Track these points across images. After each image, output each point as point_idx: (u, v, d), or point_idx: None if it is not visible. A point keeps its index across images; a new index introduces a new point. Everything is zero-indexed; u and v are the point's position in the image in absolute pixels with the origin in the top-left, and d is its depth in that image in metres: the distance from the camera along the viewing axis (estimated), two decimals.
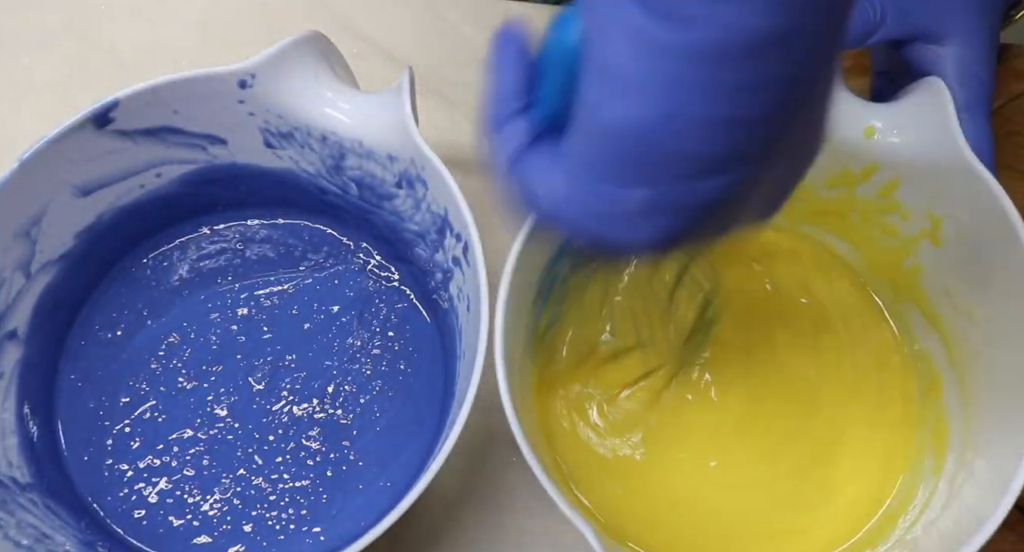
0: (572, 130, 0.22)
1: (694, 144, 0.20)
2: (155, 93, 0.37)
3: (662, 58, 0.19)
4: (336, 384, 0.41)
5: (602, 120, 0.21)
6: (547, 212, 0.23)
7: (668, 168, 0.21)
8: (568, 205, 0.23)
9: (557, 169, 0.23)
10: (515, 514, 0.41)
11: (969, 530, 0.31)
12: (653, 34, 0.19)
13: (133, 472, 0.39)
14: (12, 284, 0.38)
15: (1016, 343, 0.35)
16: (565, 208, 0.23)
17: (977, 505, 0.33)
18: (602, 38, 0.21)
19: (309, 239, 0.44)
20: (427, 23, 0.49)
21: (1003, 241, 0.34)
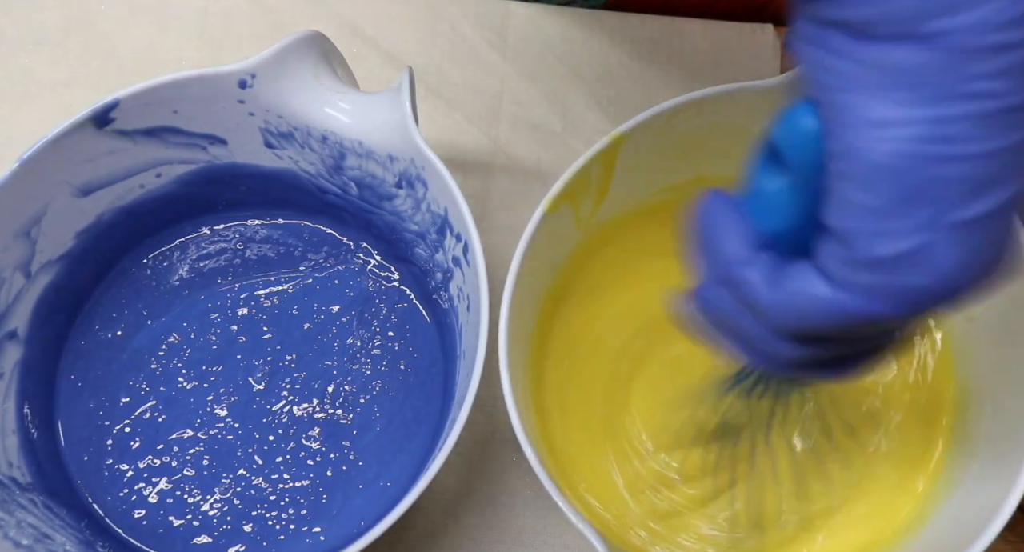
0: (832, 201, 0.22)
1: (959, 168, 0.20)
2: (155, 93, 0.37)
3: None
4: (336, 384, 0.41)
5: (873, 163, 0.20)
6: (824, 311, 0.22)
7: (944, 195, 0.20)
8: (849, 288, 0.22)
9: (825, 261, 0.22)
10: (515, 514, 0.41)
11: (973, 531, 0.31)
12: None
13: (133, 472, 0.39)
14: (12, 284, 0.38)
15: (1018, 342, 0.35)
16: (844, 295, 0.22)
17: (980, 506, 0.33)
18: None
19: (309, 239, 0.44)
20: (427, 23, 0.49)
21: None
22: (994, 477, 0.33)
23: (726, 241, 0.25)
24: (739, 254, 0.24)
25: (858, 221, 0.21)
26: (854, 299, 0.21)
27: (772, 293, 0.23)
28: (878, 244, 0.21)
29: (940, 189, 0.20)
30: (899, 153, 0.20)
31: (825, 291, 0.22)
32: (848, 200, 0.21)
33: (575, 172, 0.35)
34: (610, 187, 0.38)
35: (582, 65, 0.49)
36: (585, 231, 0.40)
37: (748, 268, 0.24)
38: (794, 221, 0.24)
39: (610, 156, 0.36)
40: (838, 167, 0.21)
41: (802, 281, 0.23)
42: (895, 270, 0.21)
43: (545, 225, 0.35)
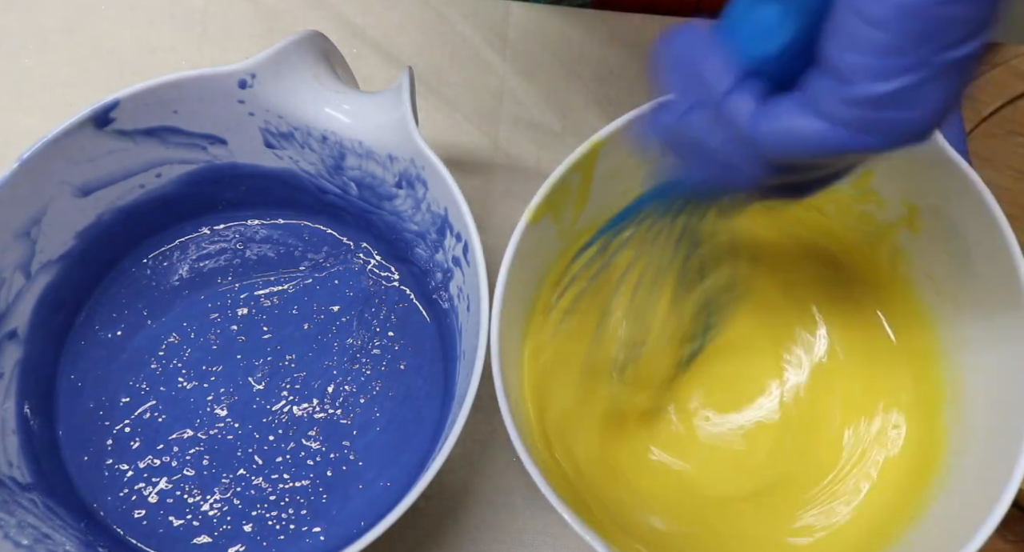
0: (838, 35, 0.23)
1: (966, 8, 0.21)
2: (155, 93, 0.37)
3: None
4: (336, 384, 0.41)
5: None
6: (814, 143, 0.24)
7: (945, 36, 0.21)
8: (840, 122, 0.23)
9: (817, 95, 0.23)
10: (515, 514, 0.41)
11: (969, 524, 0.31)
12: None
13: (133, 472, 0.39)
14: (12, 284, 0.38)
15: (1001, 325, 0.35)
16: (835, 129, 0.23)
17: (975, 498, 0.33)
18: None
19: (309, 239, 0.44)
20: (427, 23, 0.49)
21: (980, 224, 0.34)
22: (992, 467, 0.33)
23: (708, 67, 0.26)
24: (723, 83, 0.25)
25: (862, 56, 0.22)
26: (842, 133, 0.23)
27: (760, 124, 0.24)
28: (878, 81, 0.22)
29: (944, 28, 0.21)
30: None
31: (812, 124, 0.23)
32: (855, 35, 0.22)
33: (554, 182, 0.35)
34: (590, 194, 0.39)
35: (582, 65, 0.49)
36: (568, 239, 0.40)
37: (734, 97, 0.25)
38: (783, 49, 0.24)
39: (588, 164, 0.37)
40: (857, 2, 0.22)
41: (792, 115, 0.24)
42: (888, 107, 0.22)
43: (528, 236, 0.35)
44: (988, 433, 0.35)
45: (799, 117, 0.24)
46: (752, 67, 0.25)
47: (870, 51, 0.22)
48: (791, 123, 0.24)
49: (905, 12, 0.21)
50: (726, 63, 0.25)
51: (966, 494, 0.34)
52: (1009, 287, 0.34)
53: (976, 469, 0.35)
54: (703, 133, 0.26)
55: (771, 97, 0.25)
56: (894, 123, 0.22)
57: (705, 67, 0.26)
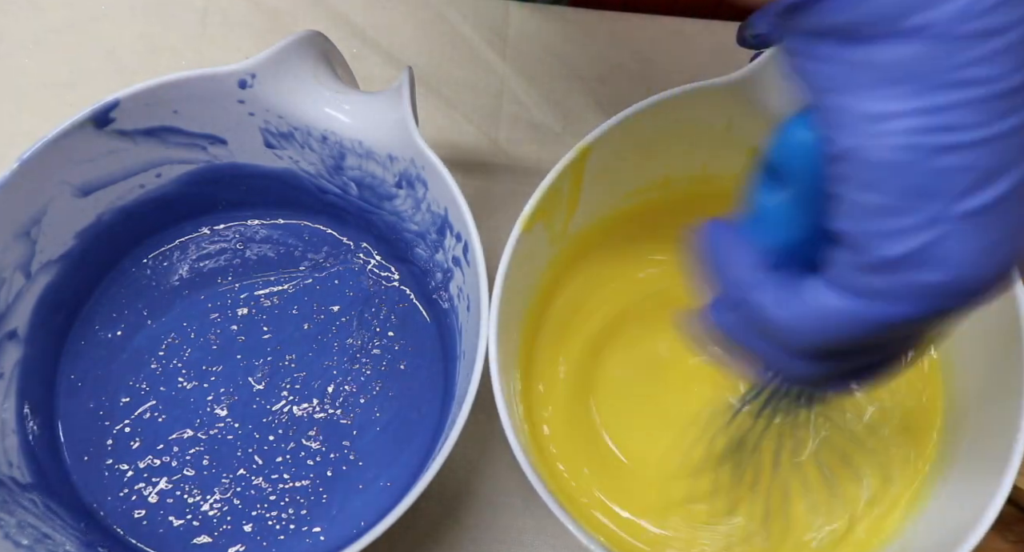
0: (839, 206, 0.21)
1: (963, 158, 0.20)
2: (155, 93, 0.37)
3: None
4: (336, 384, 0.41)
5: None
6: (842, 321, 0.22)
7: (950, 187, 0.20)
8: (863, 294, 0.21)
9: (835, 271, 0.22)
10: (515, 514, 0.41)
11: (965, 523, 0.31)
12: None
13: (133, 472, 0.39)
14: (12, 284, 0.38)
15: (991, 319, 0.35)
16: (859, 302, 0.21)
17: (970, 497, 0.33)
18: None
19: (309, 239, 0.44)
20: (427, 23, 0.49)
21: None
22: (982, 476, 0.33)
23: (731, 266, 0.25)
24: (746, 278, 0.24)
25: (865, 222, 0.21)
26: (870, 305, 0.21)
27: (784, 313, 0.23)
28: (888, 244, 0.20)
29: (943, 180, 0.20)
30: (898, 147, 0.20)
31: (838, 302, 0.22)
32: (852, 202, 0.21)
33: (545, 189, 0.35)
34: (580, 198, 0.39)
35: (582, 65, 0.49)
36: (560, 243, 0.40)
37: (757, 291, 0.24)
38: (798, 234, 0.24)
39: (578, 168, 0.37)
40: (839, 170, 0.21)
41: (814, 295, 0.22)
42: (908, 269, 0.20)
43: (522, 244, 0.35)
44: (981, 431, 0.35)
45: (821, 297, 0.22)
46: (772, 260, 0.24)
47: (871, 215, 0.20)
48: (814, 305, 0.22)
49: (891, 171, 0.20)
50: (746, 260, 0.24)
51: (962, 494, 0.34)
52: None
53: (971, 468, 0.35)
54: (742, 333, 0.25)
55: (792, 283, 0.23)
56: (921, 286, 0.20)
57: (728, 266, 0.25)
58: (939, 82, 0.19)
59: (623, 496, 0.40)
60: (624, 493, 0.40)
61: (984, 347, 0.36)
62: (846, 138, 0.20)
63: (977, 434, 0.35)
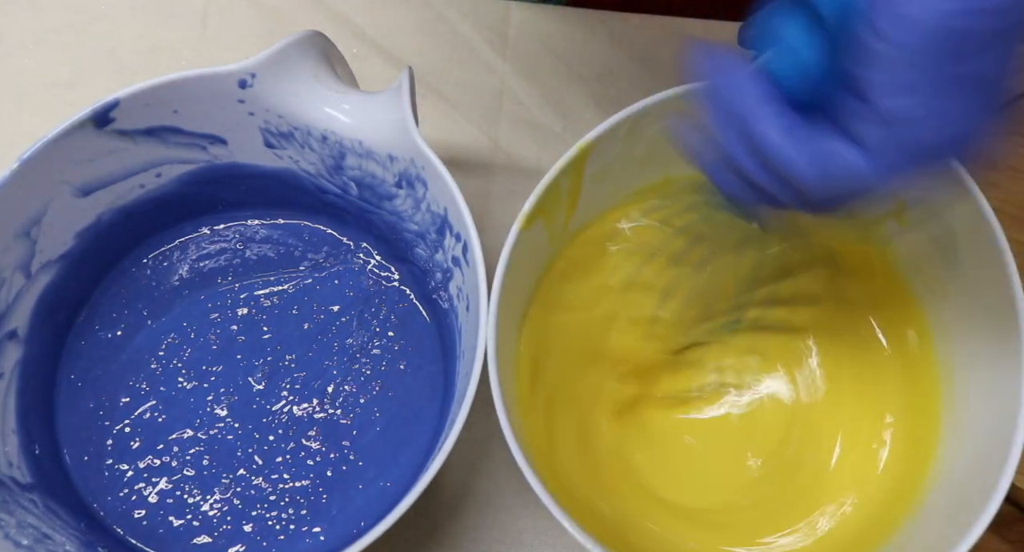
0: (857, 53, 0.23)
1: (978, 21, 0.21)
2: (155, 93, 0.37)
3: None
4: (336, 384, 0.41)
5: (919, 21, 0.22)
6: (845, 170, 0.23)
7: (961, 49, 0.22)
8: (868, 145, 0.23)
9: (844, 117, 0.23)
10: (515, 514, 0.41)
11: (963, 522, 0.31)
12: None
13: (133, 472, 0.39)
14: (12, 284, 0.38)
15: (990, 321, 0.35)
16: (864, 154, 0.23)
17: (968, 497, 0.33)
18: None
19: (309, 239, 0.44)
20: (427, 23, 0.49)
21: (966, 216, 0.34)
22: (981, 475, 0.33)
23: (738, 97, 0.25)
24: (755, 111, 0.25)
25: (882, 72, 0.22)
26: (879, 161, 0.23)
27: (795, 155, 0.24)
28: (899, 95, 0.22)
29: (960, 42, 0.21)
30: (934, 7, 0.21)
31: (852, 155, 0.23)
32: (874, 51, 0.22)
33: (545, 187, 0.35)
34: (580, 197, 0.39)
35: (582, 65, 0.49)
36: (559, 242, 0.40)
37: (767, 127, 0.25)
38: (815, 72, 0.24)
39: (578, 167, 0.37)
40: (873, 18, 0.22)
41: (826, 143, 0.23)
42: (914, 123, 0.22)
43: (521, 242, 0.35)
44: (980, 431, 0.35)
45: (830, 143, 0.23)
46: (781, 89, 0.24)
47: (889, 67, 0.22)
48: (824, 151, 0.23)
49: (917, 27, 0.21)
50: (754, 87, 0.25)
51: (959, 494, 0.34)
52: (997, 280, 0.34)
53: (968, 468, 0.35)
54: (734, 157, 0.26)
55: (801, 124, 0.24)
56: (922, 141, 0.22)
57: (733, 91, 0.25)
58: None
59: (622, 495, 0.40)
60: (623, 491, 0.40)
61: (983, 346, 0.36)
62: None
63: (976, 433, 0.35)
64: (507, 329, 0.36)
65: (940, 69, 0.22)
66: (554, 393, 0.40)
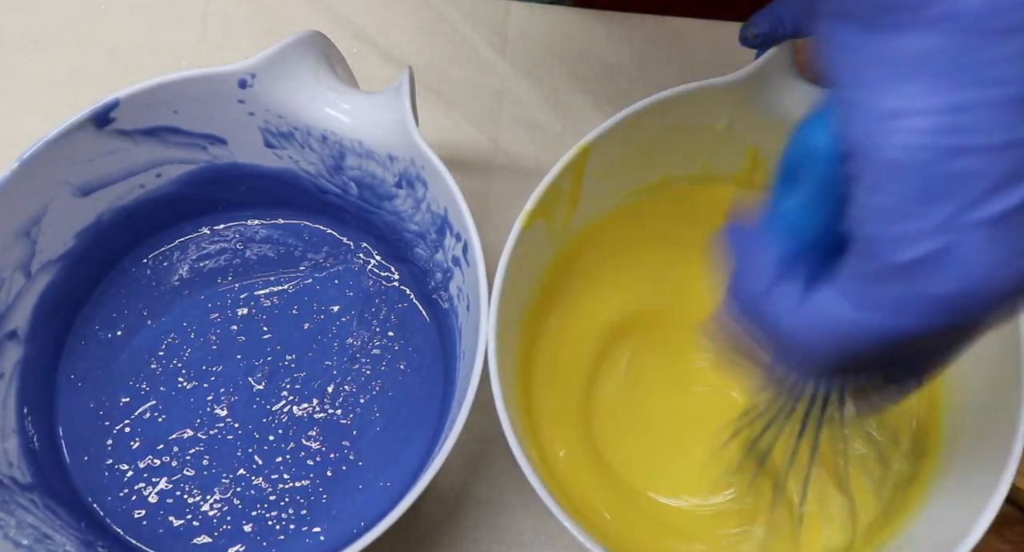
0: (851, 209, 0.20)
1: (976, 162, 0.19)
2: (155, 93, 0.37)
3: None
4: (336, 384, 0.41)
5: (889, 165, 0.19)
6: (846, 332, 0.21)
7: (962, 193, 0.19)
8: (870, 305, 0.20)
9: (844, 279, 0.21)
10: (515, 514, 0.41)
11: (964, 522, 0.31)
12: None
13: (133, 472, 0.39)
14: (12, 284, 0.38)
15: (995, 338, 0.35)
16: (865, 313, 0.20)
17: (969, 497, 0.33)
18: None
19: (309, 239, 0.44)
20: (427, 23, 0.49)
21: None
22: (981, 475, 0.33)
23: (745, 276, 0.24)
24: (757, 287, 0.23)
25: (875, 225, 0.19)
26: (877, 317, 0.20)
27: (793, 323, 0.22)
28: (897, 249, 0.19)
29: (960, 184, 0.18)
30: (914, 146, 0.19)
31: (846, 312, 0.20)
32: (864, 203, 0.20)
33: (546, 187, 0.35)
34: (580, 197, 0.39)
35: (582, 65, 0.49)
36: (560, 242, 0.40)
37: (766, 301, 0.23)
38: (811, 239, 0.23)
39: (578, 167, 0.37)
40: (854, 169, 0.20)
41: (824, 305, 0.21)
42: (917, 278, 0.19)
43: (522, 242, 0.35)
44: (980, 431, 0.35)
45: (830, 306, 0.21)
46: (789, 265, 0.23)
47: (882, 218, 0.19)
48: (823, 315, 0.21)
49: (905, 172, 0.19)
50: (759, 269, 0.23)
51: (959, 494, 0.34)
52: None
53: (969, 468, 0.35)
54: (752, 334, 0.24)
55: (806, 294, 0.22)
56: (932, 297, 0.19)
57: (743, 275, 0.24)
58: (962, 79, 0.18)
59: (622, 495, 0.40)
60: (623, 492, 0.40)
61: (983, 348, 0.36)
62: (861, 135, 0.20)
63: (976, 434, 0.35)
64: (507, 329, 0.36)
65: (945, 216, 0.19)
66: (554, 393, 0.40)
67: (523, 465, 0.32)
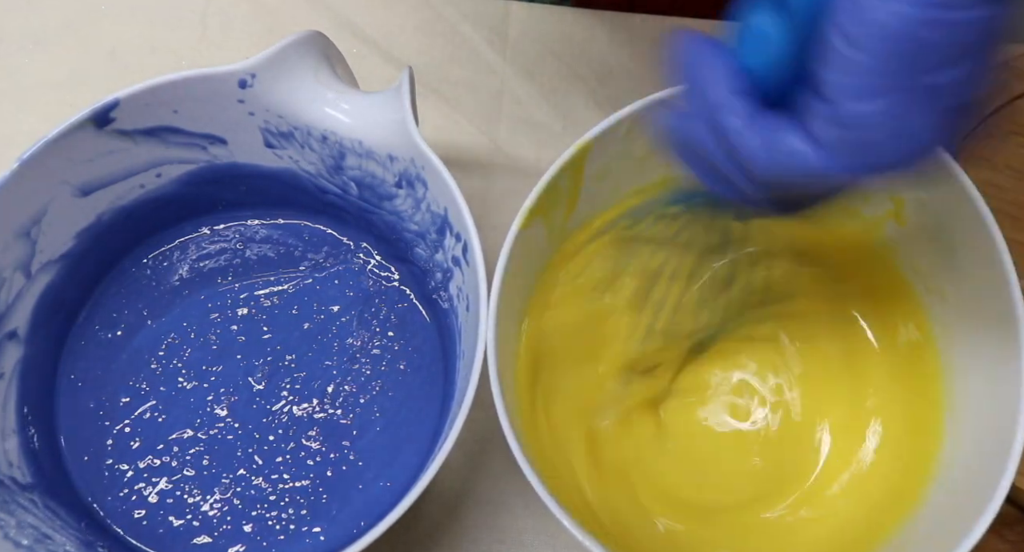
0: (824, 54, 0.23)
1: (945, 34, 0.21)
2: (155, 93, 0.37)
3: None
4: (336, 384, 0.41)
5: (878, 24, 0.22)
6: (798, 163, 0.24)
7: (926, 59, 0.22)
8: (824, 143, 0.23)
9: (804, 114, 0.23)
10: (515, 514, 0.41)
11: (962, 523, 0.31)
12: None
13: (133, 472, 0.39)
14: (12, 284, 0.38)
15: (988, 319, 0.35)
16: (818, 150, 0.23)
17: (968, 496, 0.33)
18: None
19: (309, 239, 0.44)
20: (427, 23, 0.49)
21: (964, 216, 0.34)
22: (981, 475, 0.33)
23: (709, 84, 0.26)
24: (721, 98, 0.25)
25: (847, 76, 0.22)
26: (828, 157, 0.23)
27: (752, 141, 0.25)
28: (860, 100, 0.22)
29: (925, 52, 0.21)
30: (902, 15, 0.21)
31: (805, 147, 0.23)
32: (841, 54, 0.22)
33: (544, 186, 0.35)
34: (579, 196, 0.39)
35: (582, 65, 0.49)
36: (558, 242, 0.40)
37: (730, 114, 0.25)
38: (782, 65, 0.24)
39: (577, 166, 0.37)
40: (840, 20, 0.22)
41: (782, 134, 0.24)
42: (871, 129, 0.22)
43: (520, 241, 0.35)
44: (980, 431, 0.35)
45: (789, 138, 0.24)
46: (750, 80, 0.25)
47: (852, 71, 0.22)
48: (781, 143, 0.24)
49: (884, 33, 0.21)
50: (725, 75, 0.25)
51: (959, 494, 0.34)
52: (997, 280, 0.34)
53: (969, 468, 0.35)
54: (702, 142, 0.26)
55: (764, 113, 0.25)
56: (876, 147, 0.22)
57: (705, 78, 0.26)
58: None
59: (622, 494, 0.40)
60: (623, 491, 0.40)
61: (982, 346, 0.36)
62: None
63: (976, 433, 0.35)
64: (507, 329, 0.36)
65: (903, 78, 0.22)
66: (554, 392, 0.40)
67: (522, 464, 0.32)
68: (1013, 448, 0.32)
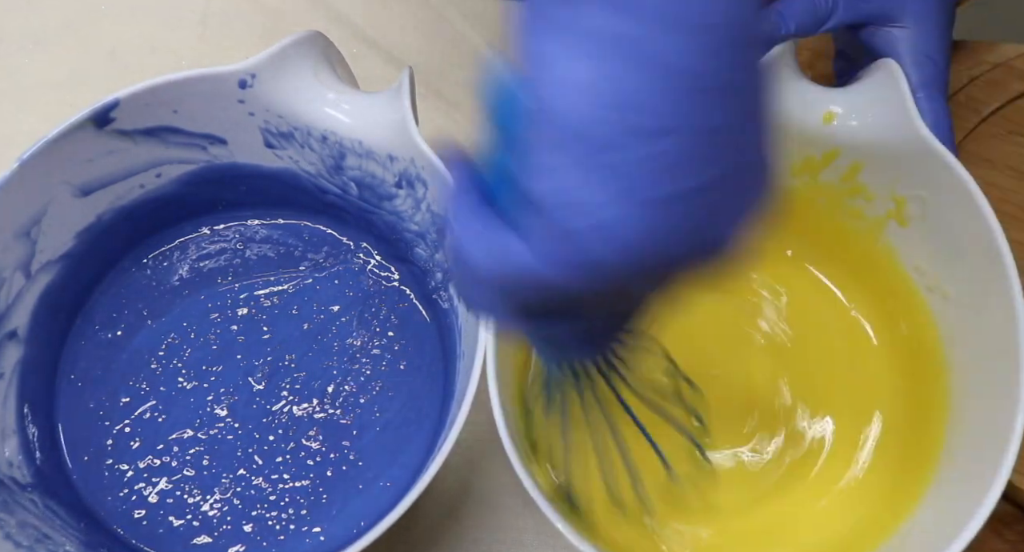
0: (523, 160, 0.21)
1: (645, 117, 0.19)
2: (155, 93, 0.37)
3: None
4: (336, 384, 0.41)
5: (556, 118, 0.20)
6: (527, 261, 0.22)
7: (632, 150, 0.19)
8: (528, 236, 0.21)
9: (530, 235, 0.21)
10: (515, 514, 0.41)
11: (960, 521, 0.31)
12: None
13: (133, 472, 0.39)
14: (12, 284, 0.38)
15: (989, 318, 0.35)
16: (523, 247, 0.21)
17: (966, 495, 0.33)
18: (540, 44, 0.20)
19: (309, 239, 0.44)
20: (427, 23, 0.49)
21: (965, 215, 0.34)
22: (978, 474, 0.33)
23: (451, 196, 0.24)
24: (453, 207, 0.23)
25: (551, 191, 0.20)
26: (550, 269, 0.21)
27: (474, 248, 0.22)
28: (571, 216, 0.20)
29: (629, 162, 0.19)
30: (586, 117, 0.19)
31: (526, 258, 0.21)
32: (542, 165, 0.20)
33: None
34: None
35: None
36: None
37: (457, 220, 0.23)
38: (498, 178, 0.23)
39: None
40: (532, 126, 0.20)
41: (506, 241, 0.22)
42: (587, 242, 0.20)
43: None
44: (979, 430, 0.35)
45: (513, 246, 0.21)
46: (483, 196, 0.23)
47: (534, 150, 0.20)
48: (505, 251, 0.22)
49: (573, 136, 0.19)
50: (461, 193, 0.23)
51: (958, 493, 0.34)
52: (996, 277, 0.34)
53: (967, 467, 0.35)
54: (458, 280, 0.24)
55: (492, 222, 0.22)
56: (593, 261, 0.20)
57: (450, 195, 0.24)
58: (640, 59, 0.19)
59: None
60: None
61: (982, 345, 0.36)
62: (542, 93, 0.20)
63: (974, 432, 0.35)
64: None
65: (581, 155, 0.19)
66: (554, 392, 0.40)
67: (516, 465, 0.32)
68: (1010, 446, 0.32)
